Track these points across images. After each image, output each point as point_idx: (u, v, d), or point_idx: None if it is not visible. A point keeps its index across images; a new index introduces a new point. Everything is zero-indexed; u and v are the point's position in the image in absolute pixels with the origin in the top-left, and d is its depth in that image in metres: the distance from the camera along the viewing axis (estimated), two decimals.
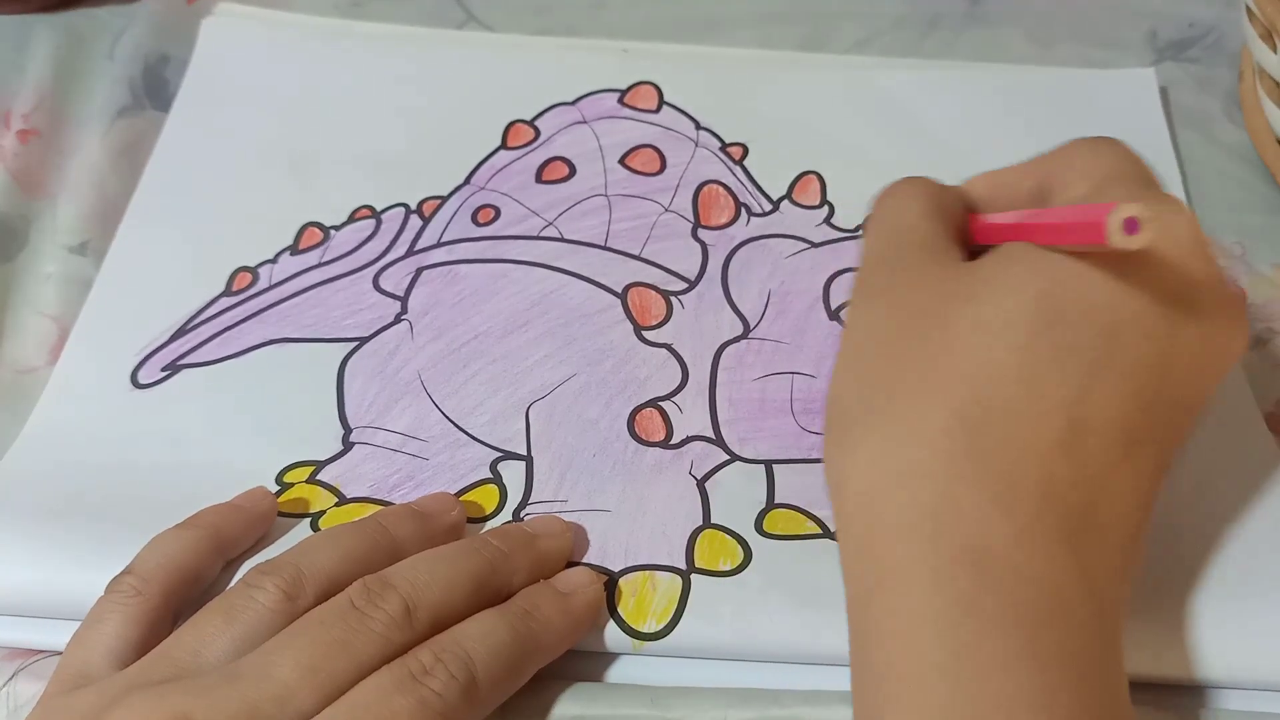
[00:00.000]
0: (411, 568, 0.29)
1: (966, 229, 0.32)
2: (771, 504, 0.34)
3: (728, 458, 0.35)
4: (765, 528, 0.33)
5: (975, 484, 0.25)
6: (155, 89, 0.46)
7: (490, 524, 0.33)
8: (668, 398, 0.36)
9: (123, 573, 0.29)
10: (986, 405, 0.25)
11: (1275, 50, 0.41)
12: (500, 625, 0.28)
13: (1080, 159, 0.30)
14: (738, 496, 0.34)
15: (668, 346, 0.37)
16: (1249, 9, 0.42)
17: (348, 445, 0.35)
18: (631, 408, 0.36)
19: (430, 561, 0.29)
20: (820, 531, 0.33)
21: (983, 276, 0.27)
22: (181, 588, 0.30)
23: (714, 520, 0.33)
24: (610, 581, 0.32)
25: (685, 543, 0.33)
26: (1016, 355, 0.26)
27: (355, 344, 0.37)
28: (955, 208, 0.32)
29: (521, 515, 0.33)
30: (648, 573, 0.32)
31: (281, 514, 0.33)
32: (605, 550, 0.33)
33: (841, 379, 0.29)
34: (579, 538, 0.33)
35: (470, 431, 0.35)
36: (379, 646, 0.27)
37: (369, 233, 0.41)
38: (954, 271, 0.28)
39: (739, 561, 0.32)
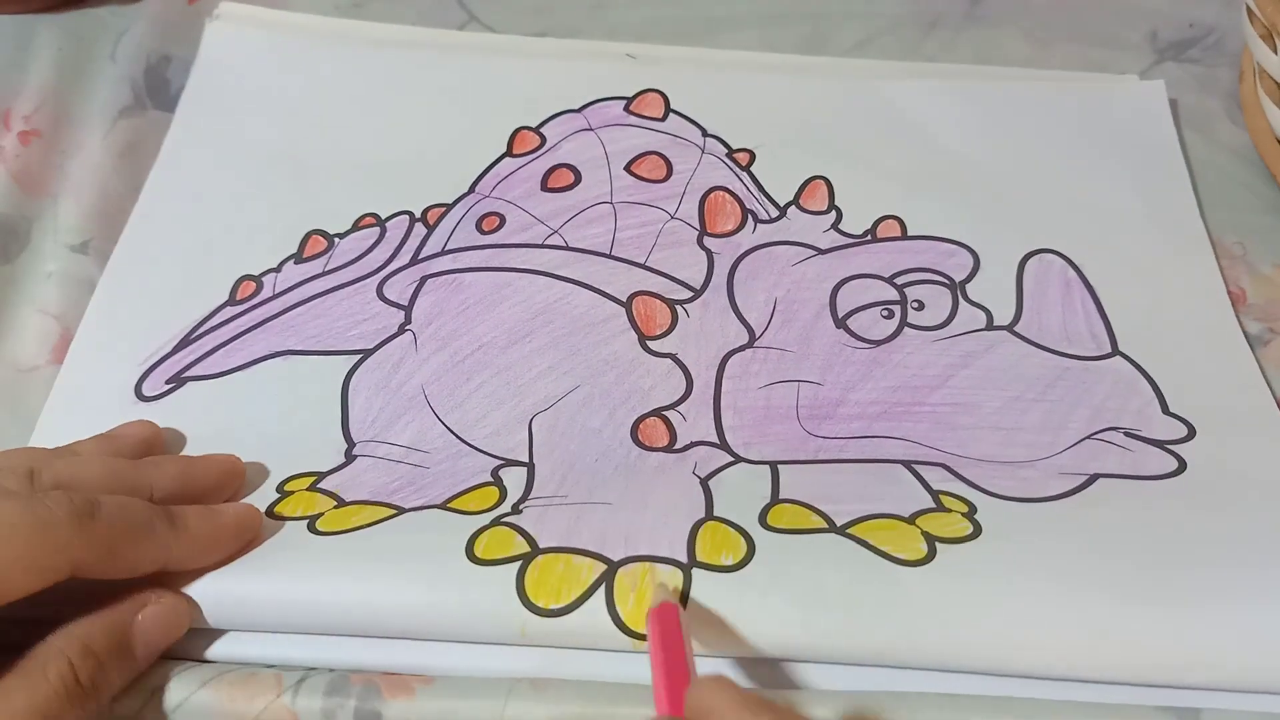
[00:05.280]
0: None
1: None
2: (777, 499, 0.33)
3: (731, 459, 0.35)
4: (770, 521, 0.32)
5: None
6: (157, 89, 0.46)
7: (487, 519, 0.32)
8: (672, 407, 0.36)
9: None
10: None
11: (1276, 51, 0.41)
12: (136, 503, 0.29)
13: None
14: (742, 491, 0.33)
15: (672, 356, 0.37)
16: (1249, 9, 0.42)
17: (350, 459, 0.35)
18: (635, 418, 0.36)
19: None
20: (826, 526, 0.32)
21: None
22: None
23: (717, 514, 0.32)
24: (609, 572, 0.31)
25: (687, 535, 0.32)
26: None
27: (359, 356, 0.37)
28: None
29: (521, 508, 0.33)
30: (647, 564, 0.31)
31: (281, 517, 0.33)
32: (605, 539, 0.31)
33: None
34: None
35: (473, 444, 0.35)
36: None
37: (373, 241, 0.41)
38: None
39: (742, 556, 0.31)
